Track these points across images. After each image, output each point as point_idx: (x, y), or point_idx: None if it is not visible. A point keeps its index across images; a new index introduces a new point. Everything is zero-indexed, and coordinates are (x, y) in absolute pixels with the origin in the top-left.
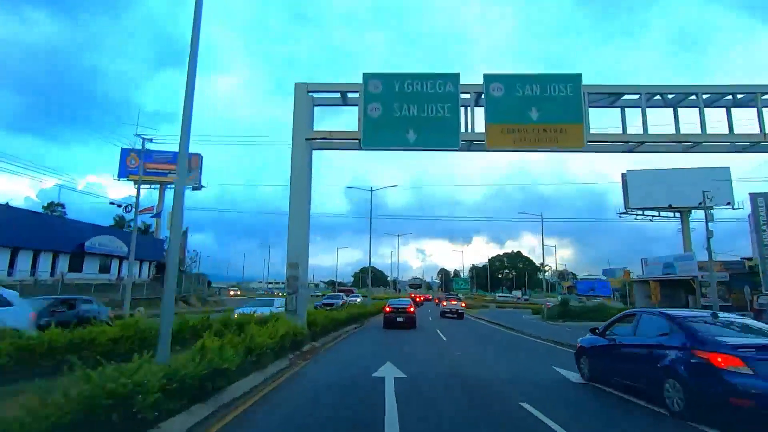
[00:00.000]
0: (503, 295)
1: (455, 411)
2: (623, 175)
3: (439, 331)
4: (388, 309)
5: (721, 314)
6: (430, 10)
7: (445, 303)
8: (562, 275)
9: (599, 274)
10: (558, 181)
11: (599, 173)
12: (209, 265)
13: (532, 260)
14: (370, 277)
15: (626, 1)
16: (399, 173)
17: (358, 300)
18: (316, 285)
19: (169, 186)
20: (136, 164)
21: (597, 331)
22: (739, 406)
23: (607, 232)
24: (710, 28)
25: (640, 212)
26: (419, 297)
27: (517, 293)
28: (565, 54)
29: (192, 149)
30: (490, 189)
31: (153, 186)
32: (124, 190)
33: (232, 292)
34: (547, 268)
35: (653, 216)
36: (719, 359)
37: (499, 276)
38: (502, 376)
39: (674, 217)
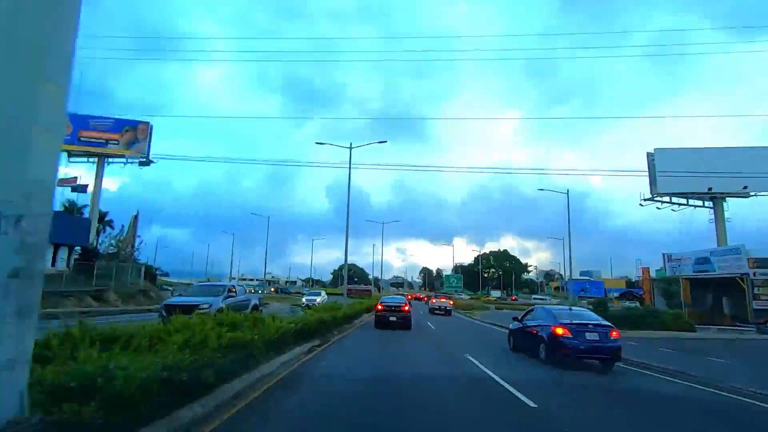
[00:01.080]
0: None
1: None
2: (649, 155)
3: (472, 358)
4: (380, 307)
5: (573, 308)
6: (416, 9)
7: (434, 300)
8: (549, 275)
9: (575, 276)
10: (539, 185)
11: (576, 177)
12: (179, 260)
13: (518, 259)
14: (346, 272)
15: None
16: (381, 177)
17: (319, 300)
18: (293, 282)
19: (110, 160)
20: (68, 132)
21: (518, 319)
22: (565, 353)
23: (583, 234)
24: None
25: (667, 199)
26: (411, 295)
27: (497, 293)
28: (548, 55)
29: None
30: (471, 191)
31: (90, 159)
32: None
33: None
34: (531, 268)
35: (681, 204)
36: (559, 330)
37: (486, 275)
38: None
39: (703, 206)
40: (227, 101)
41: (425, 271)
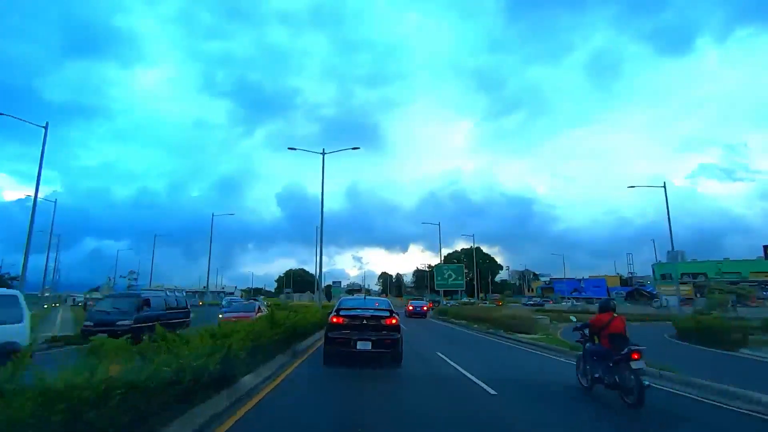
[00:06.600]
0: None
1: None
2: None
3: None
4: (337, 320)
5: (419, 300)
6: (369, 19)
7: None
8: (525, 276)
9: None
10: (490, 192)
11: (524, 183)
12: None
13: (493, 258)
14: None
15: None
16: (336, 181)
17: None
18: (230, 293)
19: None
20: None
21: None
22: (411, 313)
23: (531, 239)
24: (622, 56)
25: None
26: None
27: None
28: (496, 68)
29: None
30: (424, 197)
31: None
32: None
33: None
34: (506, 267)
35: None
36: (410, 307)
37: None
38: None
39: None
40: (170, 104)
41: (384, 277)
